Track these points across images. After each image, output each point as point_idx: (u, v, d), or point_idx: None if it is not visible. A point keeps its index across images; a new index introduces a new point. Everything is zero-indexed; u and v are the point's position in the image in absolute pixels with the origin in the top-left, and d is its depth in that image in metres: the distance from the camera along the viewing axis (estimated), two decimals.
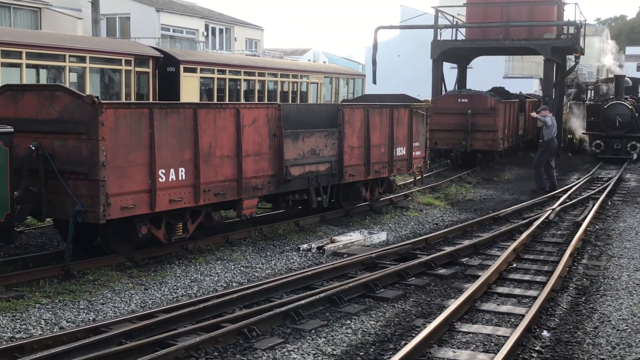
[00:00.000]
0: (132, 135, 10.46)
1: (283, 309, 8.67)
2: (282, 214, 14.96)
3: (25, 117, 10.52)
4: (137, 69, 19.69)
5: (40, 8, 32.83)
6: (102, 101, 10.15)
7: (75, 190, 10.12)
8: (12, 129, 9.63)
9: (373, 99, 17.59)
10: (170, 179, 10.99)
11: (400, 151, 16.78)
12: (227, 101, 22.06)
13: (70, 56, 18.01)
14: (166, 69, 20.87)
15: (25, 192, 10.03)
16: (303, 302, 8.98)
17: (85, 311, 8.93)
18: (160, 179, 10.82)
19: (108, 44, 20.65)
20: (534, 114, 23.38)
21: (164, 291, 9.91)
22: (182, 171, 11.18)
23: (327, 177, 14.52)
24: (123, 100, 18.92)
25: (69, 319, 8.60)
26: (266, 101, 23.92)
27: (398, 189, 18.70)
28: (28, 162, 10.05)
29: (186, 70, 21.25)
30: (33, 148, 10.09)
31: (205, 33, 42.60)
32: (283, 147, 13.16)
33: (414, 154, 17.30)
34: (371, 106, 15.83)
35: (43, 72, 18.56)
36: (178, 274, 10.74)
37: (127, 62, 19.45)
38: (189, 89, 21.11)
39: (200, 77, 22.06)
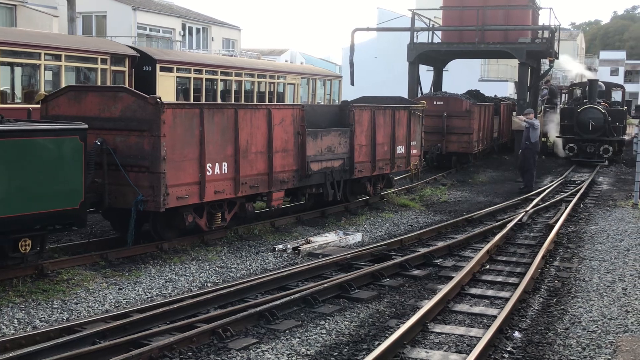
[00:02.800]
0: (186, 132, 11.68)
1: (258, 309, 8.70)
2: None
3: (89, 115, 11.49)
4: (113, 68, 19.59)
5: (15, 5, 32.52)
6: (163, 102, 11.30)
7: (136, 182, 11.26)
8: (87, 126, 10.46)
9: (371, 101, 18.39)
10: (215, 172, 12.24)
11: (400, 149, 18.19)
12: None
13: (45, 54, 17.87)
14: (142, 68, 20.77)
15: (91, 183, 10.88)
16: (278, 302, 9.01)
17: (59, 310, 8.89)
18: (208, 172, 12.05)
19: (84, 42, 20.51)
20: (521, 117, 23.76)
21: (138, 291, 9.89)
22: (224, 165, 12.44)
23: (340, 172, 15.83)
24: None
25: (43, 319, 8.56)
26: (242, 102, 23.93)
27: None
28: (94, 156, 10.97)
29: (162, 69, 21.17)
30: (98, 143, 11.14)
31: (182, 32, 42.44)
32: (306, 145, 14.37)
33: (411, 152, 18.77)
34: (377, 107, 17.19)
35: (18, 70, 18.40)
36: (152, 274, 10.73)
37: (103, 61, 19.34)
38: (165, 89, 21.03)
39: (177, 77, 21.98)
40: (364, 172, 16.75)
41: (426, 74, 34.15)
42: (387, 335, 8.20)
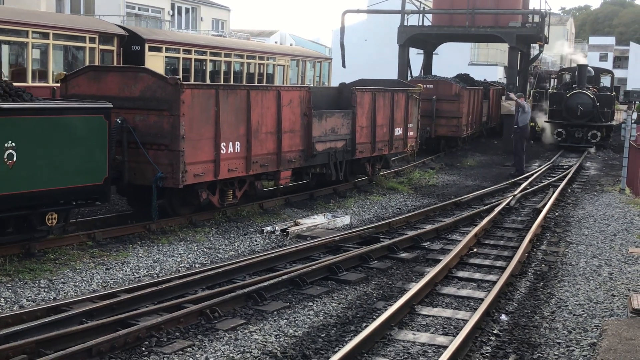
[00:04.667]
0: (203, 112, 12.09)
1: (246, 290, 8.71)
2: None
3: (108, 94, 11.77)
4: (102, 47, 19.41)
5: None
6: (183, 82, 11.70)
7: (155, 159, 11.69)
8: (111, 105, 10.84)
9: (368, 84, 18.60)
10: (229, 151, 12.67)
11: (398, 131, 18.67)
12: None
13: (33, 32, 17.68)
14: (131, 47, 20.58)
15: (112, 160, 11.13)
16: (266, 283, 9.02)
17: (46, 290, 8.86)
18: (222, 151, 12.49)
19: (72, 20, 20.31)
20: (512, 96, 23.87)
21: (125, 271, 9.87)
22: (237, 144, 12.88)
23: (343, 153, 16.31)
24: None
25: (29, 298, 8.53)
26: (232, 82, 23.82)
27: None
28: (115, 134, 11.24)
29: (151, 49, 21.00)
30: (119, 122, 11.48)
31: (171, 12, 42.10)
32: (312, 126, 14.81)
33: (408, 133, 19.26)
34: (377, 90, 17.63)
35: (5, 48, 18.21)
36: (140, 255, 10.70)
37: (92, 40, 19.16)
38: (154, 68, 20.79)
39: (166, 57, 21.82)
40: (365, 153, 17.21)
41: (416, 57, 34.13)
42: (374, 317, 8.22)
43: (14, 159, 9.39)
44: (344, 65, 29.47)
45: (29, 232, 10.21)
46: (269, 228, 12.79)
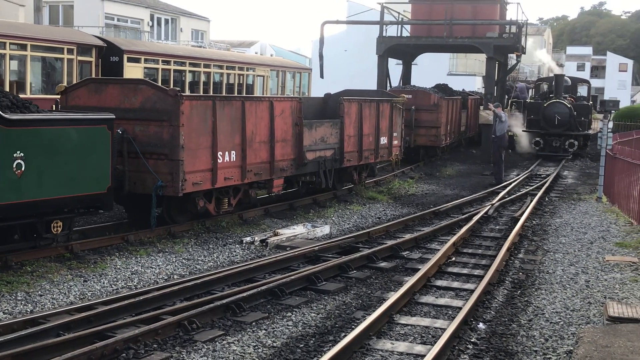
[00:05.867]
0: (201, 122, 12.49)
1: (224, 301, 8.69)
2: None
3: (109, 106, 12.09)
4: (80, 58, 19.36)
5: None
6: (182, 94, 12.12)
7: (155, 169, 12.03)
8: (114, 116, 11.24)
9: (354, 94, 19.16)
10: (225, 160, 13.07)
11: (383, 140, 19.27)
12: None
13: (10, 44, 17.60)
14: (109, 58, 20.55)
15: (113, 170, 11.41)
16: (244, 294, 9.01)
17: (23, 302, 8.80)
18: (219, 160, 12.88)
19: (50, 32, 20.24)
20: (490, 106, 24.07)
21: (103, 283, 9.82)
22: (233, 154, 13.28)
23: (331, 161, 16.85)
24: None
25: (6, 310, 8.47)
26: (211, 93, 23.82)
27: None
28: (116, 144, 11.47)
29: (130, 60, 20.97)
30: (120, 132, 11.78)
31: (150, 23, 42.05)
32: (302, 135, 15.26)
33: (393, 142, 19.86)
34: (363, 100, 18.20)
35: None
36: (118, 266, 10.66)
37: (70, 51, 19.10)
38: None
39: (145, 68, 21.79)
40: (352, 162, 17.76)
41: (395, 67, 34.27)
42: (353, 326, 8.24)
43: (23, 169, 9.77)
44: (321, 76, 29.56)
45: (34, 240, 10.55)
46: (248, 238, 12.78)
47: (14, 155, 9.64)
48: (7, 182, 9.59)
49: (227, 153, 13.10)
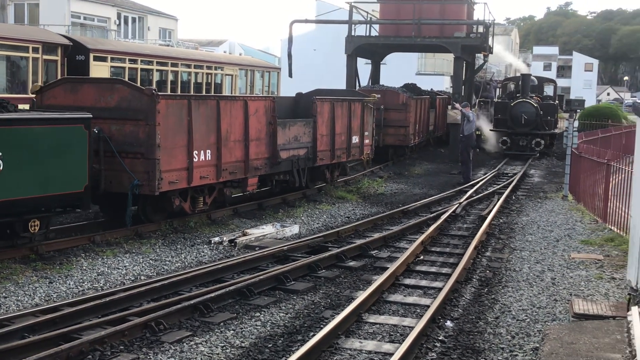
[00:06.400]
0: (177, 121, 12.56)
1: (192, 302, 8.64)
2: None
3: (84, 105, 12.03)
4: (45, 57, 19.12)
5: None
6: (158, 93, 12.17)
7: (131, 168, 12.03)
8: (91, 115, 11.29)
9: (325, 94, 19.24)
10: (201, 159, 13.13)
11: (355, 139, 19.47)
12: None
13: None
14: (75, 57, 20.32)
15: (91, 169, 11.46)
16: (212, 295, 8.97)
17: None
18: (195, 159, 12.95)
19: (15, 30, 19.96)
20: (457, 106, 24.21)
21: (69, 284, 9.71)
22: (208, 152, 13.34)
23: (305, 160, 16.98)
24: (29, 88, 18.53)
25: None
26: (179, 92, 23.67)
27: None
28: (92, 143, 11.44)
29: (96, 59, 20.76)
30: (96, 132, 11.73)
31: (117, 22, 41.67)
32: (276, 134, 15.39)
33: (364, 141, 20.02)
34: (335, 100, 18.41)
35: None
36: (84, 267, 10.54)
37: (35, 50, 18.86)
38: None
39: (111, 67, 21.58)
40: (325, 160, 17.96)
41: (364, 66, 34.34)
42: (322, 326, 8.24)
43: (1, 168, 9.75)
44: (290, 75, 29.52)
45: (11, 239, 10.54)
46: (216, 239, 12.72)
47: None
48: None
49: (202, 152, 13.15)
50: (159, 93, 12.28)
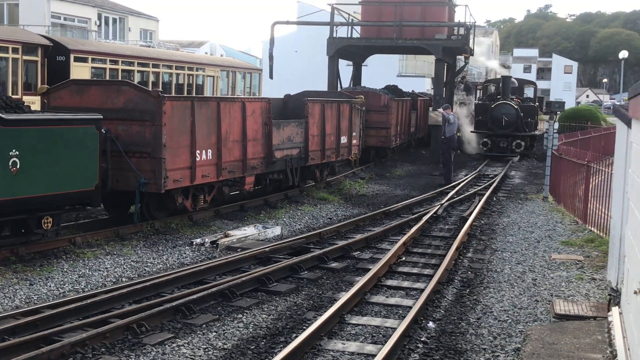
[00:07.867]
0: (181, 122, 13.05)
1: (174, 303, 8.61)
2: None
3: (91, 106, 12.49)
4: (25, 58, 18.98)
5: None
6: (164, 94, 12.69)
7: (138, 166, 12.48)
8: (102, 117, 11.73)
9: (312, 95, 19.77)
10: (202, 158, 13.65)
11: (344, 140, 20.11)
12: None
13: None
14: (56, 58, 20.21)
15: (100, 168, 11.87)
16: (194, 296, 8.94)
17: None
18: (197, 158, 13.44)
19: None
20: (440, 110, 24.28)
21: (50, 286, 9.63)
22: (209, 152, 13.87)
23: (297, 159, 17.63)
24: (9, 89, 18.43)
25: None
26: None
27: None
28: (100, 143, 11.76)
29: (77, 59, 20.65)
30: (104, 132, 12.01)
31: (98, 22, 41.41)
32: (272, 134, 15.94)
33: (352, 142, 20.74)
34: (325, 101, 19.07)
35: None
36: (65, 269, 10.46)
37: (14, 50, 18.72)
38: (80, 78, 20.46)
39: (92, 67, 21.48)
40: (316, 160, 18.61)
41: (346, 68, 34.37)
42: (304, 327, 8.24)
43: (18, 166, 10.22)
44: (271, 77, 29.51)
45: (25, 235, 10.97)
46: (198, 240, 12.68)
47: (10, 153, 10.10)
48: (3, 179, 10.02)
49: (204, 151, 13.67)
50: (165, 95, 12.77)
